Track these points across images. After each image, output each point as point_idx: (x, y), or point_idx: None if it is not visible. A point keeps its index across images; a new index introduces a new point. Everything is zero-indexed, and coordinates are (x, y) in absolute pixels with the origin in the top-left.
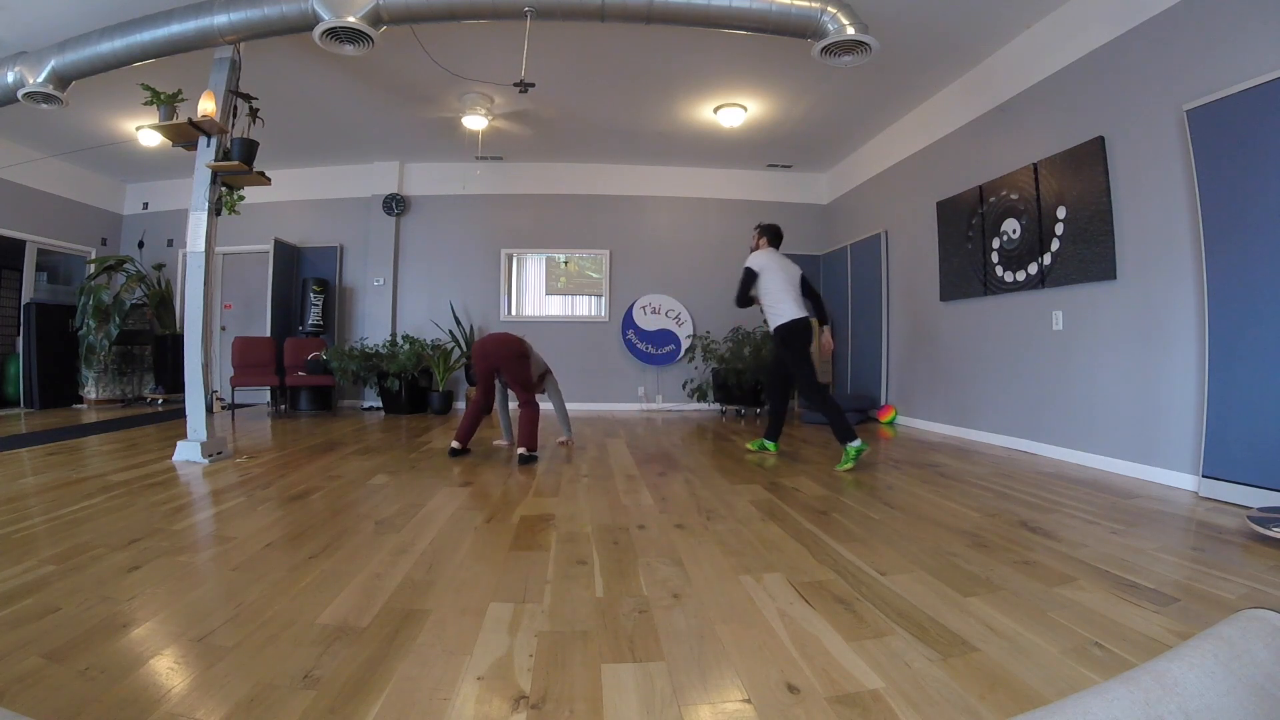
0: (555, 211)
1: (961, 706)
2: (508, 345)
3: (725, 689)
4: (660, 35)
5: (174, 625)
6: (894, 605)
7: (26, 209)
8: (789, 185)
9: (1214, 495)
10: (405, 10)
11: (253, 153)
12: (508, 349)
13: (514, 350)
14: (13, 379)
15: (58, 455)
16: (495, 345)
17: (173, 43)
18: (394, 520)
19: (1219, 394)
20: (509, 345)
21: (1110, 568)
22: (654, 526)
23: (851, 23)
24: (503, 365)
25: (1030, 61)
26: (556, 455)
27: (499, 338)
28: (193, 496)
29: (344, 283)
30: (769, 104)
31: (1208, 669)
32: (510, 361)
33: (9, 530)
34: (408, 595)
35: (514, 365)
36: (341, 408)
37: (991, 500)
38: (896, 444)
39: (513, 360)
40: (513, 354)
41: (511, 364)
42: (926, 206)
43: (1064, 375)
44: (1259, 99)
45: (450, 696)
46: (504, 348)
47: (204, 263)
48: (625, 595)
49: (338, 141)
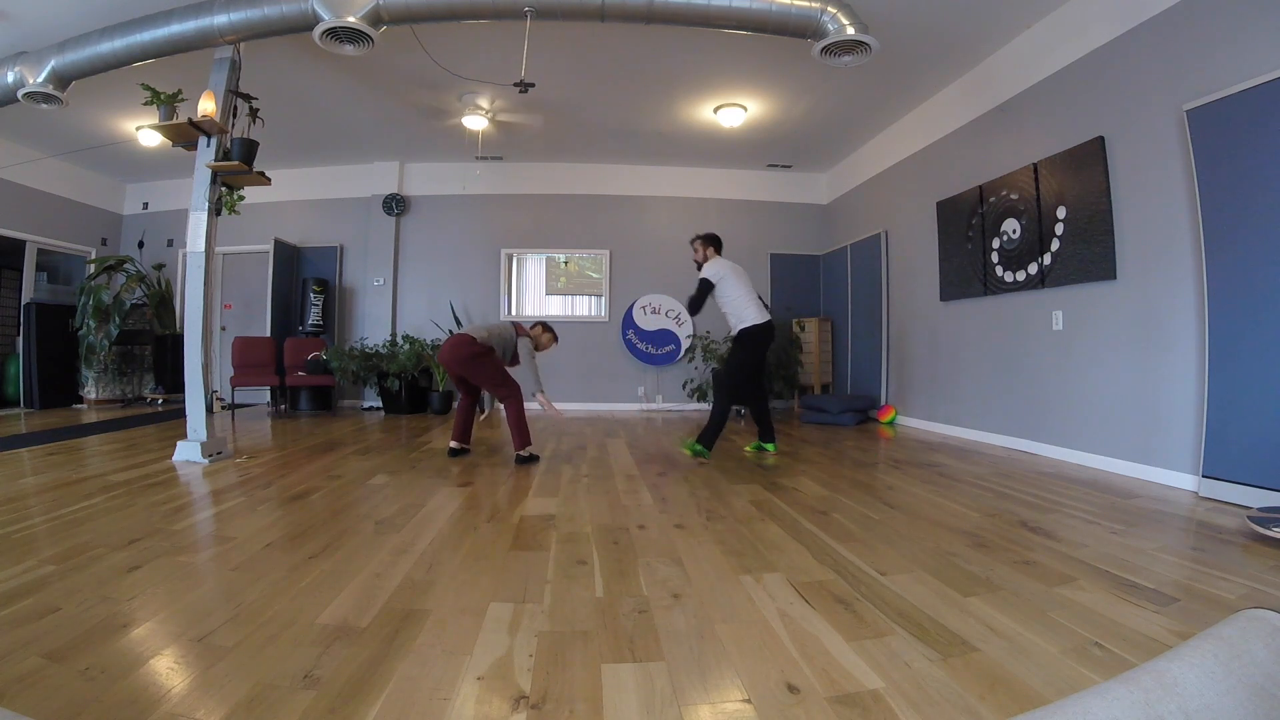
0: (555, 211)
1: (961, 706)
2: (458, 350)
3: (725, 689)
4: (660, 35)
5: (174, 625)
6: (894, 605)
7: (26, 209)
8: (789, 185)
9: (1214, 495)
10: (405, 10)
11: (253, 153)
12: (459, 354)
13: (466, 354)
14: (13, 379)
15: (58, 455)
16: (450, 356)
17: (173, 43)
18: (394, 520)
19: (1219, 394)
20: (459, 350)
21: (1110, 568)
22: (654, 526)
23: (851, 23)
24: (464, 373)
25: (1030, 61)
26: (557, 455)
27: (450, 345)
28: (193, 496)
29: (344, 283)
30: (769, 104)
31: (1208, 669)
32: (468, 365)
33: (9, 530)
34: (408, 595)
35: (473, 368)
36: (341, 408)
37: (991, 500)
38: (896, 444)
39: (469, 363)
40: (466, 357)
41: (470, 367)
42: (926, 206)
43: (1064, 375)
44: (1259, 99)
45: (450, 696)
46: (456, 355)
47: (204, 263)
48: (625, 595)
49: (338, 141)
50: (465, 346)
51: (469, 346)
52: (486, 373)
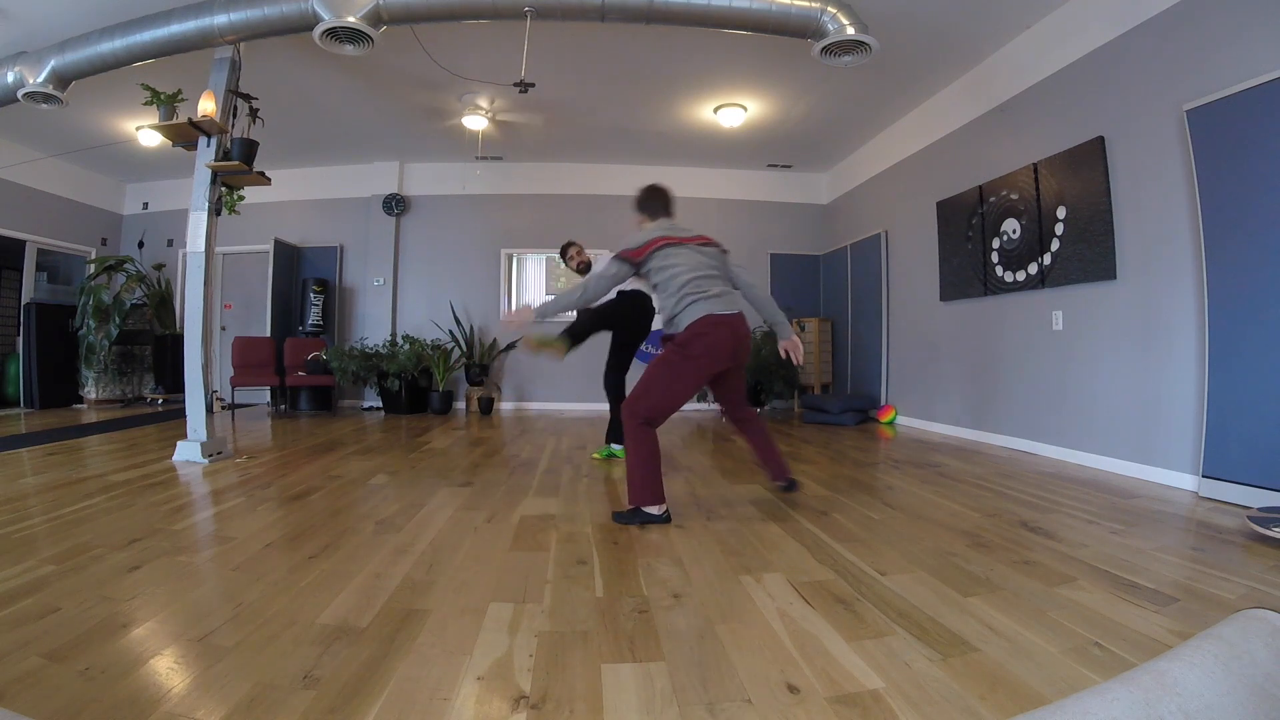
0: (555, 211)
1: (961, 706)
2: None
3: (725, 689)
4: (660, 35)
5: (174, 625)
6: (894, 605)
7: (26, 209)
8: (789, 185)
9: (1214, 495)
10: (405, 10)
11: (253, 153)
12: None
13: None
14: (13, 379)
15: (58, 455)
16: (741, 346)
17: (173, 43)
18: (394, 520)
19: (1219, 394)
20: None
21: (1110, 568)
22: (654, 526)
23: (851, 23)
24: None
25: (1030, 61)
26: (557, 454)
27: (739, 326)
28: (193, 496)
29: (344, 283)
30: (769, 104)
31: (1208, 669)
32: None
33: (9, 530)
34: (408, 595)
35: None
36: (341, 408)
37: (991, 500)
38: (896, 444)
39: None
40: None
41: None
42: (926, 206)
43: (1064, 375)
44: (1259, 99)
45: (450, 696)
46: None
47: (204, 263)
48: (625, 595)
49: (338, 141)
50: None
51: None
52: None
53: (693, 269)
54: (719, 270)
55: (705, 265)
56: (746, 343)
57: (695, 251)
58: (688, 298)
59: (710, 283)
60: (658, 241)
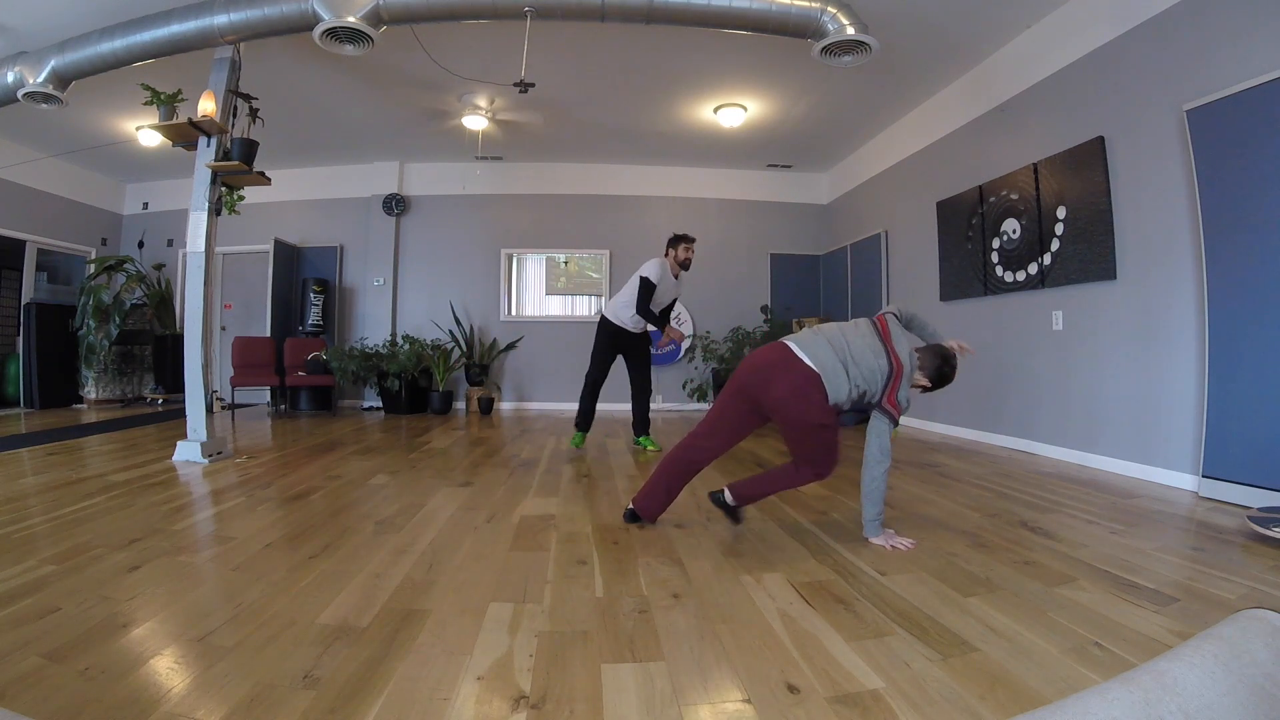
0: (555, 211)
1: (961, 706)
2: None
3: (725, 689)
4: (660, 35)
5: (174, 625)
6: (894, 605)
7: (26, 209)
8: (789, 185)
9: (1214, 495)
10: (405, 10)
11: (253, 153)
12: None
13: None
14: (13, 379)
15: (58, 455)
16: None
17: (173, 43)
18: (394, 520)
19: (1219, 394)
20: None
21: (1110, 568)
22: (654, 526)
23: (851, 23)
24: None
25: (1030, 61)
26: (557, 455)
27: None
28: (193, 496)
29: (344, 283)
30: (769, 104)
31: (1208, 669)
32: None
33: (9, 530)
34: (408, 595)
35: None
36: (341, 408)
37: (991, 500)
38: (896, 444)
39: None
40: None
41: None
42: (926, 206)
43: (1064, 375)
44: (1259, 99)
45: (450, 696)
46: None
47: (204, 263)
48: (625, 595)
49: (338, 141)
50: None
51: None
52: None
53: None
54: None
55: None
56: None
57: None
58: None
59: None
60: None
